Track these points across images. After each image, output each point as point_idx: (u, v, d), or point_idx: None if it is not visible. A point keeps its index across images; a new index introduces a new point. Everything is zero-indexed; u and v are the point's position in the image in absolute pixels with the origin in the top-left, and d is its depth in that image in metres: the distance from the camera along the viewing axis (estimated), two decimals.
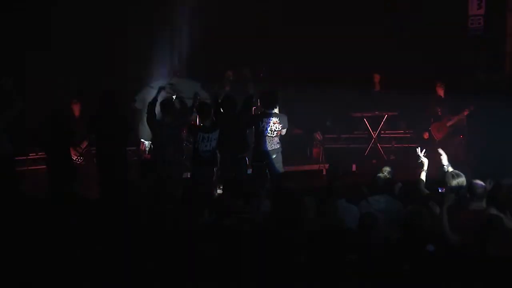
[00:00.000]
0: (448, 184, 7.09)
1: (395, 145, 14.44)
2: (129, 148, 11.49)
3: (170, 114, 9.84)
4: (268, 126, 9.61)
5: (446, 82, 12.82)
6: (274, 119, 9.67)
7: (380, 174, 7.67)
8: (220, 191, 9.55)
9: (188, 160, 10.33)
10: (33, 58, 12.86)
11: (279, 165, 9.83)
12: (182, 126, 10.17)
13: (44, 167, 10.14)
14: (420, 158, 8.01)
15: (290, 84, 13.16)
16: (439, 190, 7.53)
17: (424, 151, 8.16)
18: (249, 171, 10.06)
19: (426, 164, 7.91)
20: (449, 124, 12.64)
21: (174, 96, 12.77)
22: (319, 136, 13.41)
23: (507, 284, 5.10)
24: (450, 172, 7.39)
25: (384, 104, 14.05)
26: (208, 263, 5.63)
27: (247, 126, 9.98)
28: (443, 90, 12.79)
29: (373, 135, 13.93)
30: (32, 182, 11.02)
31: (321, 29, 14.27)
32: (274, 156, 9.72)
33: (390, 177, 7.68)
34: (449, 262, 5.58)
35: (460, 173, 7.28)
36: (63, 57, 13.23)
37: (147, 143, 13.04)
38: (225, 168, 9.78)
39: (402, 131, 14.84)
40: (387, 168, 7.78)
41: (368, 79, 14.67)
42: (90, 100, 11.12)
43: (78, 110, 12.26)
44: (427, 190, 7.55)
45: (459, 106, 12.61)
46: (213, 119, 9.79)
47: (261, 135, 9.67)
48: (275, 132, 9.66)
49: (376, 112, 13.98)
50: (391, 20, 14.44)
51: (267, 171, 9.75)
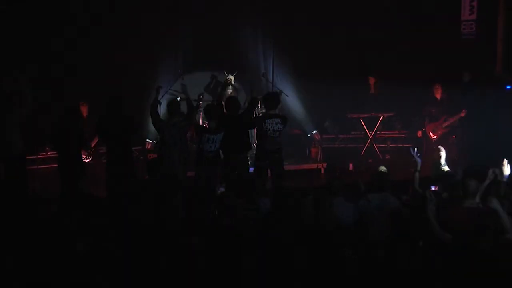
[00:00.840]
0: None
1: (390, 145, 14.39)
2: (135, 148, 11.45)
3: (175, 114, 9.81)
4: (270, 127, 9.56)
5: (442, 84, 12.77)
6: (276, 120, 9.63)
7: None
8: (222, 190, 9.50)
9: (192, 159, 10.27)
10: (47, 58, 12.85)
11: (280, 164, 9.80)
12: (187, 126, 10.11)
13: (53, 166, 10.11)
14: (414, 158, 7.97)
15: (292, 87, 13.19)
16: (432, 188, 7.50)
17: (417, 151, 8.14)
18: (251, 170, 10.00)
19: (419, 164, 7.89)
20: (445, 125, 12.60)
21: (179, 97, 12.76)
22: (317, 136, 13.38)
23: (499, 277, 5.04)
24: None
25: (379, 105, 14.03)
26: (210, 260, 5.58)
27: (249, 126, 9.93)
28: (439, 92, 12.76)
29: (369, 135, 13.91)
30: (42, 181, 10.98)
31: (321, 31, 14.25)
32: (275, 155, 9.68)
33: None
34: (442, 259, 5.56)
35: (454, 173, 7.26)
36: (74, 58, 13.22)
37: (152, 143, 13.02)
38: (228, 167, 9.72)
39: (397, 132, 14.81)
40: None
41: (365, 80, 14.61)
42: (98, 102, 11.05)
43: (86, 111, 12.24)
44: (420, 189, 7.51)
45: (455, 107, 12.58)
46: (218, 121, 9.77)
47: (263, 135, 9.64)
48: (277, 132, 9.61)
49: (372, 114, 13.96)
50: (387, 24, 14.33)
51: (268, 170, 9.71)
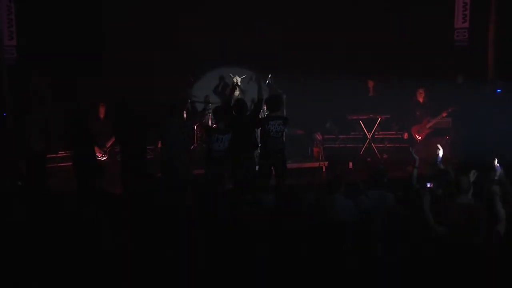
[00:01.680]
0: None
1: (387, 144, 14.40)
2: (148, 147, 11.47)
3: (176, 115, 9.88)
4: (273, 128, 9.56)
5: (426, 88, 12.85)
6: (279, 121, 9.63)
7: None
8: (230, 187, 9.51)
9: (202, 158, 10.29)
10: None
11: (283, 163, 9.80)
12: (191, 126, 10.14)
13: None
14: (413, 155, 7.98)
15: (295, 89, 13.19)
16: (428, 185, 7.50)
17: (415, 149, 8.16)
18: (256, 168, 10.00)
19: (418, 161, 7.89)
20: (428, 125, 12.65)
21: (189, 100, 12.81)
22: (319, 136, 13.37)
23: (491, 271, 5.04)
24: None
25: (377, 107, 14.03)
26: (218, 253, 5.58)
27: (256, 127, 9.93)
28: (422, 96, 12.81)
29: (368, 135, 13.87)
30: (61, 178, 11.01)
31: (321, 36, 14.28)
32: (278, 155, 9.68)
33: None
34: (437, 252, 5.56)
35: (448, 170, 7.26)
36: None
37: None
38: (235, 166, 9.72)
39: (394, 132, 14.81)
40: None
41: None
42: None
43: (104, 112, 12.25)
44: (418, 185, 7.51)
45: (438, 109, 12.68)
46: (226, 122, 9.79)
47: (267, 136, 9.64)
48: (279, 133, 9.61)
49: (371, 115, 13.94)
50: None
51: (272, 168, 9.71)
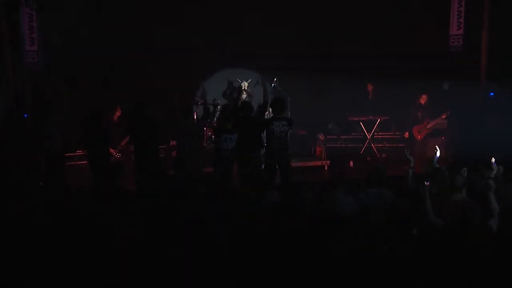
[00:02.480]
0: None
1: (386, 145, 14.36)
2: (161, 146, 11.47)
3: (190, 116, 9.90)
4: (277, 128, 9.56)
5: (428, 92, 12.80)
6: (283, 122, 9.63)
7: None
8: (238, 184, 9.51)
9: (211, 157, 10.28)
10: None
11: (287, 161, 9.80)
12: (200, 127, 10.16)
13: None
14: (407, 156, 7.95)
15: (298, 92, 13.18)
16: (426, 183, 7.46)
17: (410, 151, 8.14)
18: (262, 166, 9.99)
19: (412, 161, 7.86)
20: (428, 126, 12.62)
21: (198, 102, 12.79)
22: (321, 136, 13.36)
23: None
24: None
25: (377, 109, 14.03)
26: (227, 247, 5.57)
27: (261, 128, 9.92)
28: (424, 99, 12.77)
29: (367, 136, 13.87)
30: (78, 176, 11.01)
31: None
32: (282, 154, 9.67)
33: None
34: (433, 244, 5.54)
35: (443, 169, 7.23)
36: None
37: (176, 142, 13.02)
38: (242, 164, 9.71)
39: (392, 133, 14.78)
40: None
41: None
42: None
43: (119, 114, 12.28)
44: (415, 183, 7.48)
45: (436, 111, 12.64)
46: (234, 122, 9.80)
47: (272, 136, 9.63)
48: (283, 133, 9.60)
49: (370, 117, 13.94)
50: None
51: (277, 166, 9.70)
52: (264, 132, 10.01)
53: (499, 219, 5.89)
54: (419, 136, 12.68)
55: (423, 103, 12.86)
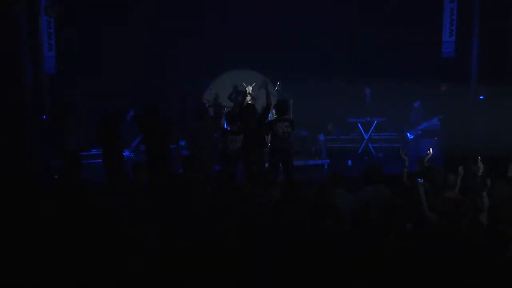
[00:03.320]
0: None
1: (383, 144, 14.35)
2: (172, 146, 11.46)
3: (203, 118, 9.89)
4: (280, 129, 9.57)
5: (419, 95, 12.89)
6: (285, 123, 9.63)
7: None
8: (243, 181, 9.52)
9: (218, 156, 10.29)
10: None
11: (290, 160, 9.80)
12: (213, 129, 10.17)
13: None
14: (402, 156, 7.93)
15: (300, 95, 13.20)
16: (419, 181, 7.47)
17: (404, 151, 8.15)
18: (266, 165, 10.00)
19: (407, 161, 7.85)
20: (419, 128, 12.71)
21: (207, 105, 12.79)
22: (322, 137, 13.36)
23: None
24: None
25: (374, 112, 14.06)
26: (233, 239, 5.58)
27: (265, 128, 9.92)
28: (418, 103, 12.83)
29: (365, 136, 13.86)
30: (93, 173, 11.02)
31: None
32: (285, 153, 9.68)
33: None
34: (427, 238, 5.54)
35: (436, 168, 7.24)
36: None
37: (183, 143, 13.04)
38: (247, 163, 9.72)
39: (388, 134, 14.79)
40: None
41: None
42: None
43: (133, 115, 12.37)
44: (409, 181, 7.48)
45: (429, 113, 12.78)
46: (238, 124, 9.82)
47: (275, 136, 9.64)
48: (286, 133, 9.62)
49: (368, 118, 13.94)
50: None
51: (280, 165, 9.71)
52: (268, 132, 10.02)
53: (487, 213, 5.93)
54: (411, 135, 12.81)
55: (417, 106, 12.92)
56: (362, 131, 13.96)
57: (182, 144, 12.44)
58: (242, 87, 13.64)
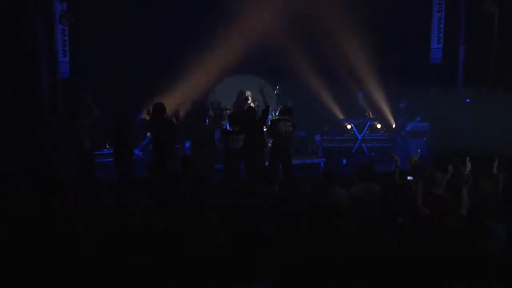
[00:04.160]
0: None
1: (375, 144, 14.37)
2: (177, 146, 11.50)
3: (204, 119, 9.96)
4: (283, 128, 9.64)
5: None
6: (288, 123, 9.70)
7: None
8: (245, 178, 9.57)
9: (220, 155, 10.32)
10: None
11: (289, 159, 9.85)
12: (213, 130, 10.23)
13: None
14: (394, 156, 7.96)
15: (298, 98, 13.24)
16: (408, 179, 7.53)
17: (395, 151, 8.19)
18: (266, 163, 10.04)
19: (399, 160, 7.88)
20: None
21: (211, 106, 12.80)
22: (318, 137, 13.39)
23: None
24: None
25: (367, 114, 14.10)
26: (234, 232, 5.59)
27: (270, 127, 9.96)
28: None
29: (358, 137, 13.89)
30: (106, 171, 11.06)
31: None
32: (285, 152, 9.72)
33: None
34: (416, 232, 5.59)
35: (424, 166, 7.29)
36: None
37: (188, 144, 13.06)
38: (249, 161, 9.77)
39: (380, 134, 14.81)
40: None
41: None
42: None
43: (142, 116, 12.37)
44: (400, 179, 7.52)
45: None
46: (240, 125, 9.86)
47: (277, 134, 9.70)
48: (288, 133, 9.67)
49: (361, 120, 13.97)
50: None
51: (279, 164, 9.75)
52: (270, 132, 10.07)
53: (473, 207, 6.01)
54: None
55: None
56: (356, 132, 13.99)
57: (187, 146, 12.48)
58: (246, 91, 13.65)
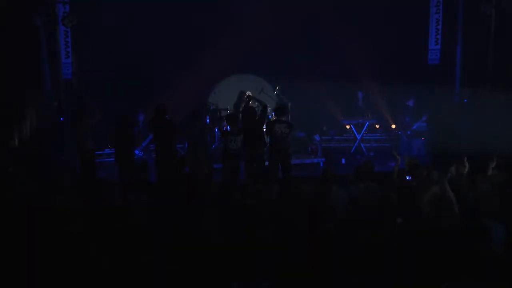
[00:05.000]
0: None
1: (373, 144, 14.37)
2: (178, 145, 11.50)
3: (199, 119, 10.01)
4: (279, 130, 9.62)
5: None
6: (284, 125, 9.68)
7: None
8: (245, 178, 9.57)
9: (219, 156, 10.32)
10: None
11: (288, 159, 9.83)
12: (213, 129, 10.25)
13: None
14: (395, 156, 7.97)
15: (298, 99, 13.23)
16: (407, 178, 7.55)
17: (397, 150, 8.19)
18: (266, 163, 10.04)
19: (400, 160, 7.90)
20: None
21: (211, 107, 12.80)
22: (317, 137, 13.38)
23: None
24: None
25: (365, 114, 14.09)
26: (234, 232, 5.60)
27: (265, 129, 9.96)
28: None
29: (357, 137, 13.89)
30: (107, 170, 11.07)
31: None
32: (284, 152, 9.71)
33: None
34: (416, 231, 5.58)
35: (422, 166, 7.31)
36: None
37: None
38: (248, 161, 9.77)
39: (378, 134, 14.81)
40: None
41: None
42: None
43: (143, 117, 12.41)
44: (399, 178, 7.55)
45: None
46: (239, 125, 9.87)
47: (274, 136, 9.68)
48: (284, 134, 9.65)
49: (360, 120, 13.97)
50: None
51: (279, 163, 9.74)
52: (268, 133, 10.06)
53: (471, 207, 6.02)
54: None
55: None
56: (355, 131, 13.99)
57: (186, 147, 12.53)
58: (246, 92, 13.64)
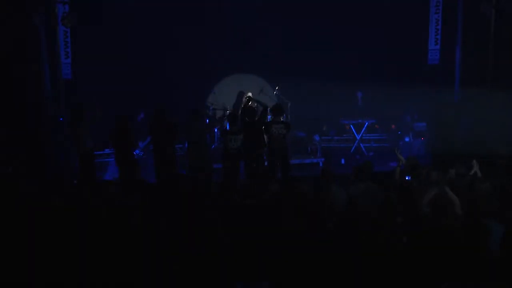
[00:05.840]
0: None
1: (373, 144, 14.34)
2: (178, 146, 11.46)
3: (198, 119, 9.97)
4: (276, 130, 9.61)
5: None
6: (281, 126, 9.67)
7: None
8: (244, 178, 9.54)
9: (220, 156, 10.28)
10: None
11: (287, 159, 9.82)
12: (213, 129, 10.22)
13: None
14: (398, 156, 7.94)
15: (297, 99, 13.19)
16: (407, 178, 7.53)
17: (399, 150, 8.17)
18: (265, 163, 10.01)
19: (403, 160, 7.88)
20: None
21: (212, 107, 12.76)
22: (317, 137, 13.35)
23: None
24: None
25: (365, 114, 14.07)
26: (236, 230, 5.57)
27: (264, 130, 9.93)
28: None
29: (357, 137, 13.86)
30: (106, 171, 11.05)
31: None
32: (282, 152, 9.69)
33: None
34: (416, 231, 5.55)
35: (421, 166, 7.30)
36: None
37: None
38: (248, 161, 9.74)
39: (378, 134, 14.78)
40: None
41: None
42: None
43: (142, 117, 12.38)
44: (400, 179, 7.52)
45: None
46: (238, 125, 9.85)
47: (271, 137, 9.67)
48: (281, 134, 9.66)
49: (359, 120, 13.93)
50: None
51: (278, 163, 9.72)
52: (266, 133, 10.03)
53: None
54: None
55: None
56: (354, 132, 13.95)
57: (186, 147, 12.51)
58: (246, 91, 13.60)
